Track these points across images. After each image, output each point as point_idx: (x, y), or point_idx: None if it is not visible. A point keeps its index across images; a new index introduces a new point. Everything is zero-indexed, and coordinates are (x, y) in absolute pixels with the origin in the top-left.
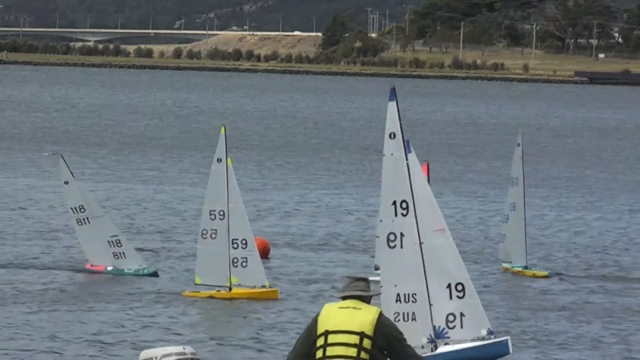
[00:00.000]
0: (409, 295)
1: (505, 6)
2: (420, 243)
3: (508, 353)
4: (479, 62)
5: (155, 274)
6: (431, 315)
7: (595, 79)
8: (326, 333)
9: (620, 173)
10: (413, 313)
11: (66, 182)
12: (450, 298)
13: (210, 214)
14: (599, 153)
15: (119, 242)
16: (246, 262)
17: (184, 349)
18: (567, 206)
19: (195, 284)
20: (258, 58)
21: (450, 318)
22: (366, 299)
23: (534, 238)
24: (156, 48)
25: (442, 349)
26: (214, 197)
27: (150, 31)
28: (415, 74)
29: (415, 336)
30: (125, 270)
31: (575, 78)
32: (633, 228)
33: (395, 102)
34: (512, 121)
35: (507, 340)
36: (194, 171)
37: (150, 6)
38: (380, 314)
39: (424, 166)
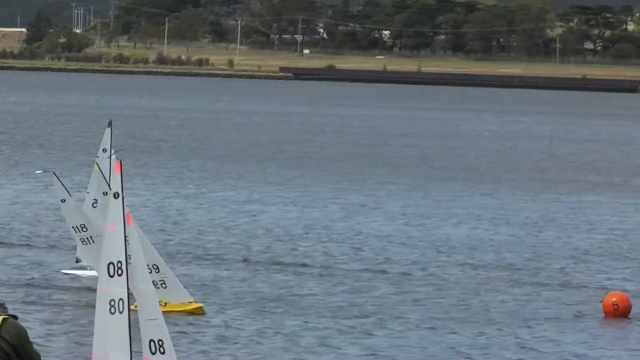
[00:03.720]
0: None
1: (210, 2)
2: None
3: None
4: (183, 57)
5: None
6: None
7: (299, 74)
8: None
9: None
10: None
11: (63, 200)
12: None
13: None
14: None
15: None
16: (164, 283)
17: None
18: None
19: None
20: None
21: None
22: None
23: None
24: None
25: None
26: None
27: None
28: (120, 69)
29: None
30: None
31: (280, 74)
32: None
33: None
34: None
35: None
36: None
37: None
38: (7, 319)
39: (117, 164)
